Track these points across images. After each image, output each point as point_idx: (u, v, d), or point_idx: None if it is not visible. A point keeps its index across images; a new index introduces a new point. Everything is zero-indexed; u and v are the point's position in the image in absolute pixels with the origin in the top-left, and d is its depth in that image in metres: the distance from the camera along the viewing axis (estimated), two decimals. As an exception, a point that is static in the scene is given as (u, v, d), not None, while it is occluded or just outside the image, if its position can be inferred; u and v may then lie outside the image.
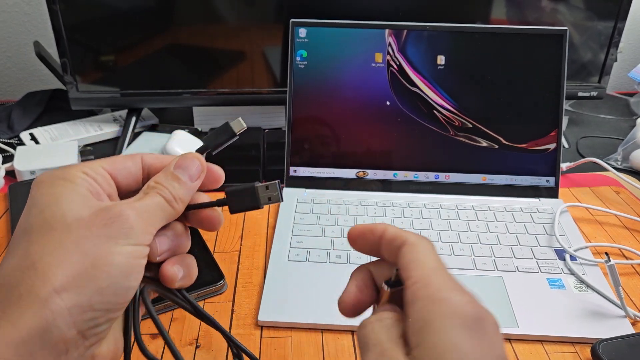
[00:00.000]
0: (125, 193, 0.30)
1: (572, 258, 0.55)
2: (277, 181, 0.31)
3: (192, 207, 0.31)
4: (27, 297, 0.23)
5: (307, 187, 0.66)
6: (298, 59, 0.64)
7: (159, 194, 0.28)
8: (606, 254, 0.49)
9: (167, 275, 0.30)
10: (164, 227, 0.29)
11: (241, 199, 0.31)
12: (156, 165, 0.31)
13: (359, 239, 0.30)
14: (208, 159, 0.32)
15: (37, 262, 0.24)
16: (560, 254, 0.56)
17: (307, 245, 0.56)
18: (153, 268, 0.30)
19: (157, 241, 0.29)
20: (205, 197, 0.32)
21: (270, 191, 0.30)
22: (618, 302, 0.48)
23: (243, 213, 0.63)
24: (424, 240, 0.28)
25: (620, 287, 0.48)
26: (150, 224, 0.27)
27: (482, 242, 0.57)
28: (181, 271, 0.30)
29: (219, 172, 0.33)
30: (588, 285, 0.51)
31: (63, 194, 0.26)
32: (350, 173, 0.66)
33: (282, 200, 0.31)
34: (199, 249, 0.55)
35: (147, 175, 0.31)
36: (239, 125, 0.33)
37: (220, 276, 0.52)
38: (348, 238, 0.31)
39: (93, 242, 0.25)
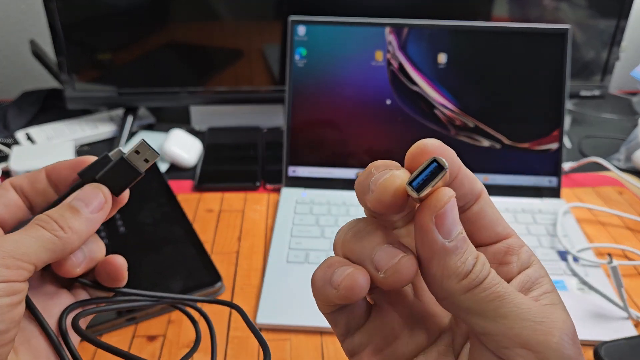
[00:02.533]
0: (14, 224, 0.27)
1: (575, 259, 0.54)
2: (141, 140, 0.26)
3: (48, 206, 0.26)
4: None
5: (306, 188, 0.65)
6: (297, 57, 0.64)
7: (39, 225, 0.24)
8: (609, 255, 0.49)
9: (66, 265, 0.26)
10: None
11: (117, 177, 0.27)
12: (25, 186, 0.27)
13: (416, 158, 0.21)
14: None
15: None
16: (563, 255, 0.55)
17: (306, 247, 0.55)
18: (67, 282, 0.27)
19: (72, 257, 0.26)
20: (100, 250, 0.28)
21: (142, 154, 0.26)
22: (621, 303, 0.48)
23: (242, 213, 0.62)
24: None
25: (623, 289, 0.47)
26: (16, 256, 0.23)
27: (484, 243, 0.56)
28: (81, 256, 0.27)
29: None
30: (590, 287, 0.51)
31: None
32: (350, 173, 0.65)
33: (159, 155, 0.27)
34: (196, 250, 0.54)
35: (26, 199, 0.27)
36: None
37: (217, 278, 0.51)
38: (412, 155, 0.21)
39: None
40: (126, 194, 0.27)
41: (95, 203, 0.26)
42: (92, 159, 0.27)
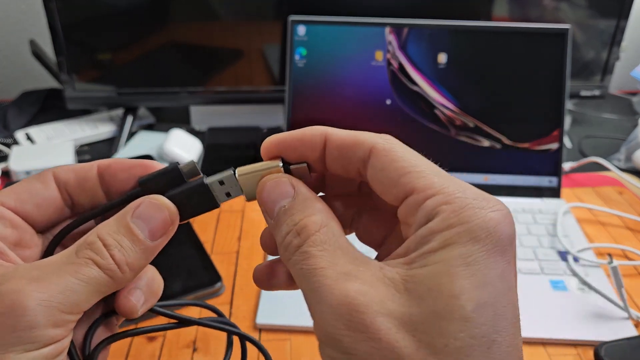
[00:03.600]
0: (48, 225, 0.23)
1: (575, 259, 0.54)
2: (230, 171, 0.24)
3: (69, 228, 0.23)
4: None
5: (306, 187, 0.65)
6: (297, 57, 0.64)
7: (93, 262, 0.20)
8: (609, 255, 0.49)
9: (125, 309, 0.23)
10: None
11: (191, 202, 0.23)
12: (72, 181, 0.23)
13: (286, 151, 0.23)
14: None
15: None
16: (563, 255, 0.55)
17: (306, 247, 0.55)
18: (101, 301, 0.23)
19: None
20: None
21: (226, 186, 0.23)
22: (621, 303, 0.48)
23: (242, 213, 0.62)
24: (393, 139, 0.22)
25: (623, 289, 0.47)
26: (67, 310, 0.19)
27: (484, 243, 0.56)
28: (141, 297, 0.23)
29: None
30: (591, 287, 0.51)
31: None
32: (349, 173, 0.65)
33: (242, 193, 0.24)
34: (196, 250, 0.54)
35: (68, 196, 0.23)
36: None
37: (217, 278, 0.51)
38: (262, 153, 0.24)
39: None
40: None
41: (159, 226, 0.22)
42: (158, 165, 0.23)
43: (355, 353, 0.18)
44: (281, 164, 0.23)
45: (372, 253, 0.25)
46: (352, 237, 0.26)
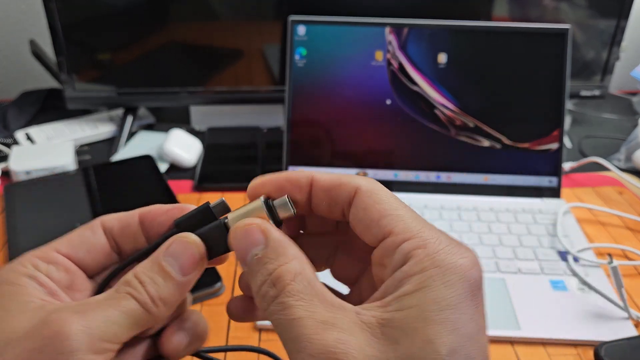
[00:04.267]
0: (98, 269, 0.25)
1: (575, 259, 0.54)
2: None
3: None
4: None
5: (306, 187, 0.65)
6: (297, 57, 0.64)
7: (130, 296, 0.22)
8: (609, 255, 0.49)
9: (169, 349, 0.24)
10: None
11: (215, 240, 0.24)
12: (116, 229, 0.25)
13: (267, 190, 0.24)
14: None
15: None
16: (563, 255, 0.55)
17: (306, 246, 0.55)
18: (143, 342, 0.24)
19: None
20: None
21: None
22: (621, 303, 0.48)
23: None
24: (377, 183, 0.23)
25: (623, 289, 0.47)
26: (106, 338, 0.21)
27: (484, 243, 0.56)
28: (185, 338, 0.24)
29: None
30: (591, 287, 0.51)
31: (4, 305, 0.21)
32: (350, 173, 0.65)
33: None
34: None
35: (114, 242, 0.26)
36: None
37: (217, 278, 0.51)
38: (248, 193, 0.24)
39: None
40: (226, 256, 0.25)
41: (189, 262, 0.23)
42: (192, 207, 0.25)
43: None
44: (262, 200, 0.24)
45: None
46: (326, 274, 0.27)
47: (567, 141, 0.80)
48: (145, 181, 0.65)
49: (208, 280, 0.50)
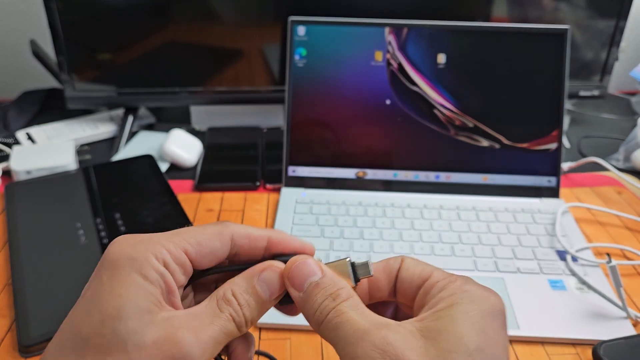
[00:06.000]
0: (199, 266, 0.28)
1: (574, 259, 0.54)
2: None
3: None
4: None
5: (306, 187, 0.65)
6: (297, 57, 0.64)
7: (231, 318, 0.25)
8: (607, 254, 0.49)
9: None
10: None
11: None
12: (243, 247, 0.28)
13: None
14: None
15: None
16: (562, 254, 0.55)
17: (305, 246, 0.55)
18: None
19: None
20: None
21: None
22: (619, 303, 0.48)
23: (242, 213, 0.62)
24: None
25: (622, 288, 0.47)
26: (211, 356, 0.25)
27: (483, 243, 0.57)
28: (250, 350, 0.29)
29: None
30: (589, 286, 0.51)
31: (132, 300, 0.23)
32: (349, 173, 0.65)
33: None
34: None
35: (234, 253, 0.28)
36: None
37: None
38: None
39: None
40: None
41: (276, 287, 0.27)
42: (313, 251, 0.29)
43: None
44: (349, 259, 0.28)
45: None
46: None
47: (566, 141, 0.81)
48: (146, 181, 0.65)
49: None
